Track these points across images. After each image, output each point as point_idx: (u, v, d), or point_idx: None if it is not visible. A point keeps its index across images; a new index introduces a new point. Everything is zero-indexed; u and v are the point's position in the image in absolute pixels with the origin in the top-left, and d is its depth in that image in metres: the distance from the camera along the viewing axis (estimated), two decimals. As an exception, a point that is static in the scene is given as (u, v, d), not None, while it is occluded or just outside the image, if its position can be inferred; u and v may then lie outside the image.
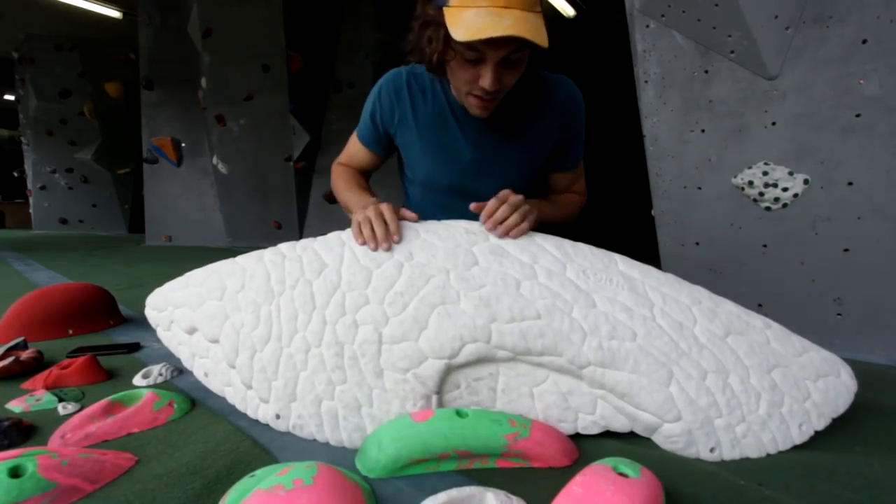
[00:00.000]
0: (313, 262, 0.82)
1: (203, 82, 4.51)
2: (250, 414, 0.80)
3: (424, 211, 0.94)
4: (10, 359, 1.01)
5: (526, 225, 0.83)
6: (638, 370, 0.71)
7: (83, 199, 7.23)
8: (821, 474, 0.67)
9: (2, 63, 7.52)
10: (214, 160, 4.66)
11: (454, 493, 0.57)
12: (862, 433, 0.80)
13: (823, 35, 1.24)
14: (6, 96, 9.22)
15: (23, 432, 0.74)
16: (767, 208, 1.37)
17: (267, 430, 0.78)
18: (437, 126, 1.02)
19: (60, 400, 0.87)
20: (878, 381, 1.09)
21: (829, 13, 1.23)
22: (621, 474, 0.56)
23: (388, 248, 0.80)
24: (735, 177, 1.41)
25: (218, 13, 4.35)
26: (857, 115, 1.22)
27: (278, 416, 0.77)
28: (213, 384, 0.84)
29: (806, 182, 1.31)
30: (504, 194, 0.85)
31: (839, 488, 0.64)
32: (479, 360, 0.74)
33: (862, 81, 1.21)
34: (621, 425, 0.74)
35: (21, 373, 1.01)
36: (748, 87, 1.37)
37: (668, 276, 0.84)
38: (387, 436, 0.68)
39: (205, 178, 4.99)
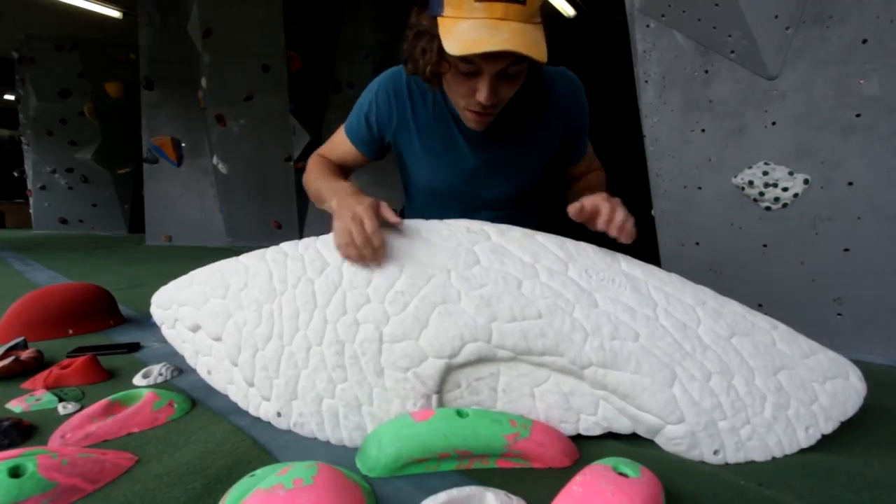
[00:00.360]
0: (315, 260, 0.82)
1: (203, 82, 4.51)
2: (252, 412, 0.80)
3: (427, 215, 0.91)
4: (11, 359, 1.01)
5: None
6: (640, 371, 0.71)
7: (83, 199, 7.23)
8: (821, 475, 0.67)
9: (2, 63, 7.51)
10: (214, 160, 4.66)
11: (454, 492, 0.57)
12: (862, 433, 0.80)
13: (823, 35, 1.24)
14: (6, 96, 9.22)
15: (23, 432, 0.74)
16: (767, 208, 1.37)
17: (267, 429, 0.78)
18: (438, 130, 0.99)
19: (60, 400, 0.87)
20: (878, 381, 1.08)
21: (829, 13, 1.23)
22: (621, 474, 0.56)
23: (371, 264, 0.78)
24: (735, 177, 1.41)
25: (218, 13, 4.35)
26: (858, 115, 1.22)
27: (279, 415, 0.77)
28: (216, 382, 0.85)
29: (806, 182, 1.31)
30: (605, 197, 0.81)
31: (839, 488, 0.64)
32: (480, 360, 0.74)
33: (862, 81, 1.21)
34: (623, 427, 0.74)
35: (21, 373, 1.01)
36: (748, 87, 1.37)
37: (672, 276, 0.83)
38: (387, 435, 0.68)
39: (205, 178, 4.99)
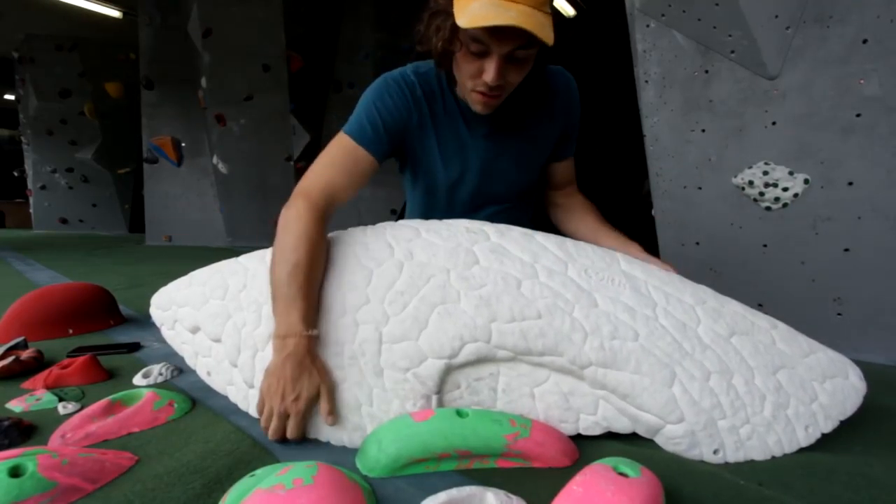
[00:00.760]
0: None
1: (203, 82, 4.51)
2: (252, 413, 0.80)
3: (433, 214, 0.91)
4: (11, 358, 1.01)
5: None
6: (640, 371, 0.71)
7: (83, 199, 7.23)
8: (821, 474, 0.67)
9: (2, 63, 7.52)
10: (214, 160, 4.66)
11: (454, 492, 0.57)
12: (862, 433, 0.80)
13: (824, 35, 1.24)
14: (6, 96, 9.22)
15: (23, 432, 0.74)
16: (768, 208, 1.37)
17: (267, 429, 0.78)
18: (451, 127, 1.00)
19: (60, 399, 0.87)
20: (878, 381, 1.08)
21: (829, 13, 1.23)
22: (621, 474, 0.56)
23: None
24: (735, 177, 1.41)
25: (218, 13, 4.35)
26: (858, 115, 1.22)
27: None
28: (216, 383, 0.85)
29: (806, 182, 1.31)
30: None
31: (839, 488, 0.63)
32: (480, 360, 0.74)
33: (862, 81, 1.21)
34: (623, 426, 0.74)
35: (21, 372, 1.01)
36: (748, 87, 1.37)
37: (672, 276, 0.83)
38: (387, 435, 0.68)
39: (205, 178, 4.99)
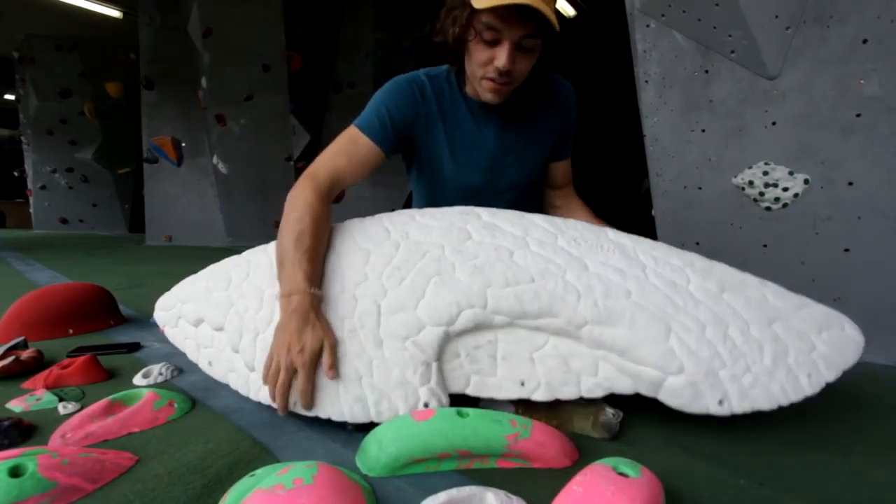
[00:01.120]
0: None
1: (203, 82, 4.52)
2: (252, 397, 0.79)
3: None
4: (11, 358, 1.01)
5: None
6: (635, 326, 0.71)
7: (83, 199, 7.23)
8: (821, 474, 0.67)
9: (2, 63, 7.52)
10: (214, 160, 4.66)
11: (454, 492, 0.57)
12: (862, 433, 0.80)
13: (824, 35, 1.24)
14: (6, 96, 9.23)
15: (23, 432, 0.74)
16: (768, 208, 1.37)
17: (267, 429, 0.78)
18: (461, 124, 1.04)
19: (61, 399, 0.87)
20: (878, 381, 1.09)
21: (829, 13, 1.23)
22: (621, 474, 0.56)
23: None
24: (735, 177, 1.41)
25: (218, 13, 4.35)
26: (858, 115, 1.22)
27: None
28: (217, 372, 0.84)
29: (806, 182, 1.31)
30: None
31: (839, 488, 0.64)
32: (477, 327, 0.75)
33: (862, 81, 1.21)
34: (625, 386, 0.73)
35: (21, 372, 1.01)
36: (748, 87, 1.37)
37: (659, 243, 0.85)
38: (387, 435, 0.68)
39: (205, 178, 4.99)
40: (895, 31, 1.16)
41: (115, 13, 5.98)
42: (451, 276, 0.77)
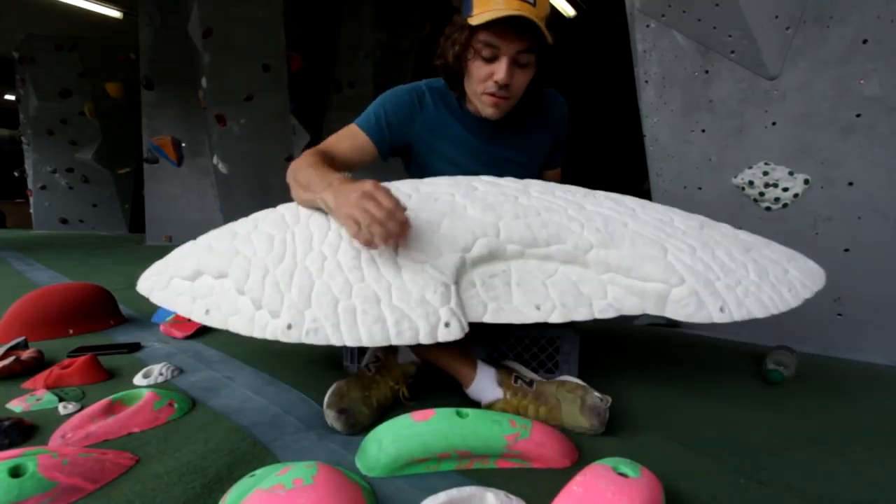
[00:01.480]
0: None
1: (203, 82, 4.51)
2: (258, 334, 0.75)
3: None
4: (11, 358, 1.01)
5: None
6: (636, 247, 0.78)
7: (83, 199, 7.23)
8: (821, 474, 0.67)
9: (2, 63, 7.52)
10: (215, 160, 4.66)
11: (454, 492, 0.57)
12: (862, 433, 0.80)
13: (824, 35, 1.24)
14: (6, 96, 9.22)
15: (23, 432, 0.75)
16: (768, 208, 1.37)
17: (267, 429, 0.78)
18: (458, 135, 1.07)
19: (61, 399, 0.87)
20: (878, 381, 1.09)
21: (829, 13, 1.23)
22: (621, 474, 0.56)
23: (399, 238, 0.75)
24: (735, 177, 1.41)
25: (218, 13, 4.35)
26: (858, 115, 1.22)
27: (290, 327, 0.73)
28: (215, 319, 0.80)
29: (806, 182, 1.31)
30: None
31: (839, 488, 0.64)
32: (491, 255, 0.79)
33: (862, 81, 1.21)
34: (633, 306, 0.76)
35: (22, 372, 1.01)
36: (748, 87, 1.37)
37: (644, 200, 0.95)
38: (387, 435, 0.68)
39: (205, 178, 4.99)
40: (895, 31, 1.16)
41: (115, 13, 5.98)
42: (463, 213, 0.82)
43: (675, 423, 0.84)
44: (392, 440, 0.67)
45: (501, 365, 0.89)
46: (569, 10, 5.48)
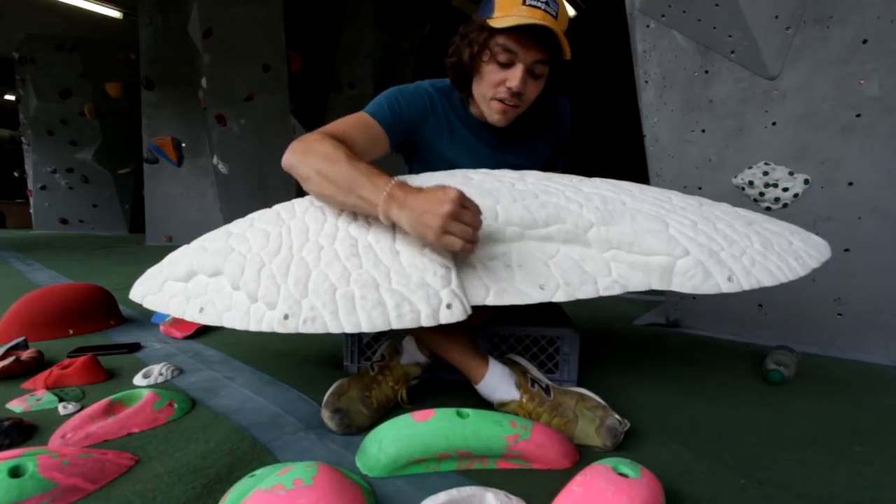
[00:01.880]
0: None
1: (203, 82, 4.52)
2: (253, 327, 0.73)
3: None
4: (11, 358, 1.01)
5: None
6: (637, 222, 0.77)
7: (83, 199, 7.24)
8: (821, 474, 0.67)
9: (2, 63, 7.53)
10: (215, 160, 4.66)
11: (454, 493, 0.57)
12: (862, 433, 0.80)
13: (824, 35, 1.24)
14: (7, 96, 9.23)
15: (23, 432, 0.75)
16: (768, 208, 1.37)
17: (267, 429, 0.78)
18: (460, 138, 1.06)
19: (61, 400, 0.87)
20: (878, 381, 1.09)
21: (829, 13, 1.23)
22: (621, 474, 0.56)
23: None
24: (735, 177, 1.41)
25: (218, 13, 4.35)
26: (858, 115, 1.22)
27: (287, 317, 0.71)
28: (210, 316, 0.79)
29: (806, 182, 1.31)
30: None
31: (839, 488, 0.64)
32: (489, 238, 0.77)
33: (862, 81, 1.21)
34: (639, 282, 0.74)
35: (21, 373, 1.01)
36: (748, 87, 1.37)
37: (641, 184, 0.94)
38: (387, 435, 0.68)
39: (205, 178, 4.99)
40: (895, 31, 1.16)
41: (115, 13, 5.98)
42: None
43: (675, 422, 0.84)
44: (392, 440, 0.67)
45: (509, 360, 0.89)
46: (569, 10, 5.49)
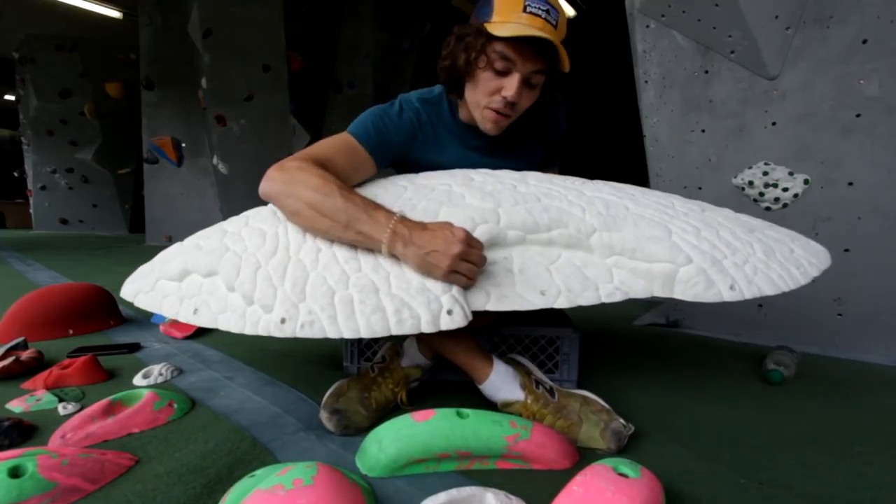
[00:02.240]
0: None
1: (203, 82, 4.51)
2: (249, 330, 0.71)
3: None
4: (11, 359, 1.01)
5: None
6: (639, 228, 0.77)
7: (83, 199, 7.24)
8: (821, 474, 0.67)
9: (2, 63, 7.53)
10: (215, 160, 4.66)
11: (454, 493, 0.57)
12: (862, 433, 0.80)
13: (824, 35, 1.24)
14: (6, 96, 9.23)
15: (23, 432, 0.74)
16: (768, 208, 1.37)
17: (267, 429, 0.78)
18: (449, 148, 1.04)
19: (61, 400, 0.87)
20: (878, 381, 1.09)
21: (829, 13, 1.23)
22: (621, 474, 0.56)
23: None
24: (735, 177, 1.41)
25: (218, 13, 4.35)
26: (858, 115, 1.22)
27: (283, 321, 0.70)
28: (204, 318, 0.77)
29: (806, 182, 1.31)
30: None
31: (839, 488, 0.64)
32: (491, 242, 0.76)
33: (862, 81, 1.21)
34: (640, 289, 0.73)
35: (21, 373, 1.01)
36: (748, 87, 1.37)
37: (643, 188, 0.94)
38: (387, 435, 0.68)
39: (205, 178, 4.99)
40: (895, 31, 1.16)
41: (115, 13, 5.98)
42: (462, 201, 0.81)
43: (675, 423, 0.84)
44: (392, 440, 0.67)
45: (512, 360, 0.89)
46: (569, 11, 5.48)
